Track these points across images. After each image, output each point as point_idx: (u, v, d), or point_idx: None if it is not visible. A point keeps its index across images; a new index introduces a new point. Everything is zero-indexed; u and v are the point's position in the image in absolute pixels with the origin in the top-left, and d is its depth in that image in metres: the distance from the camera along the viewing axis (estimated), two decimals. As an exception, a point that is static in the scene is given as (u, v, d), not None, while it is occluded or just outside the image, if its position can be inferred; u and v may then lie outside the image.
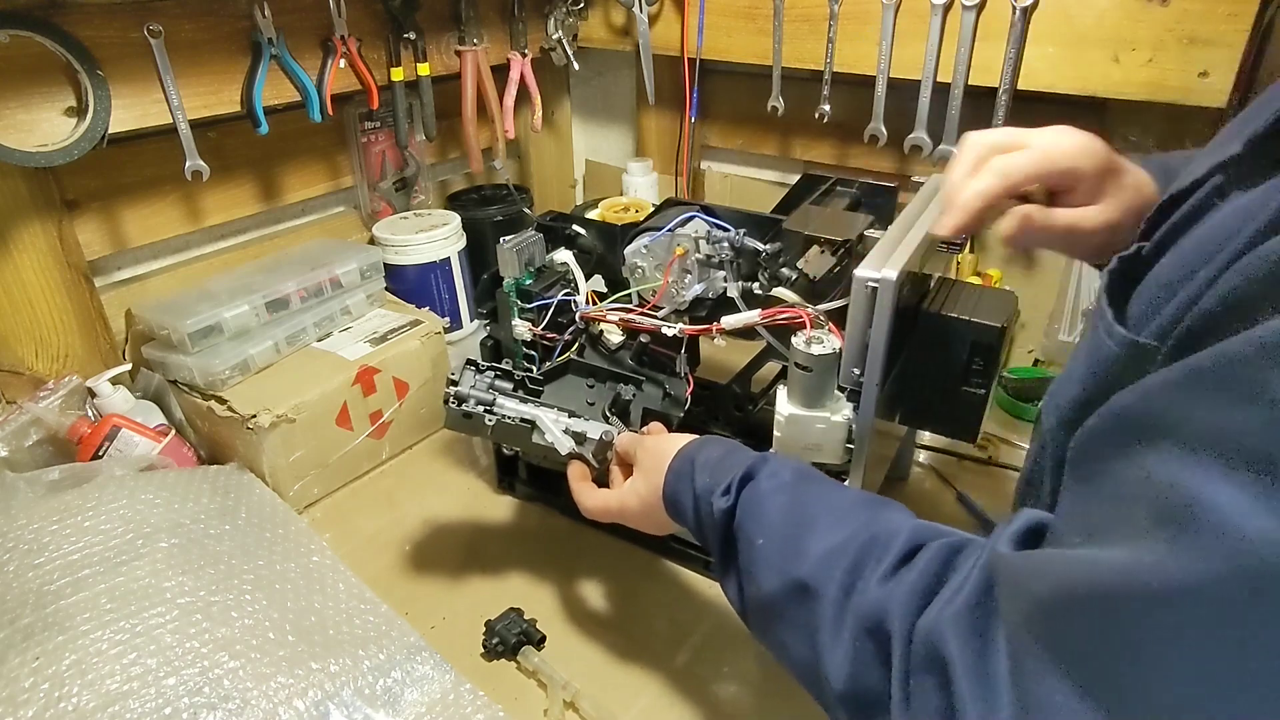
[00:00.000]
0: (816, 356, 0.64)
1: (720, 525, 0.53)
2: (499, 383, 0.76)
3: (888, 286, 0.58)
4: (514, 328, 0.81)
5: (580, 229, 0.85)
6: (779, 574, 0.47)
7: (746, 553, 0.51)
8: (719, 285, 0.78)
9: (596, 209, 0.89)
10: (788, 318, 0.67)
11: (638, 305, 0.80)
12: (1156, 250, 0.38)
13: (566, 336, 0.80)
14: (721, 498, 0.53)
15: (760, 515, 0.51)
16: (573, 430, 0.71)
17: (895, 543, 0.43)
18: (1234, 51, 0.82)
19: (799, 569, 0.46)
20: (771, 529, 0.50)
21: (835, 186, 0.87)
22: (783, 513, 0.50)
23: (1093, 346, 0.39)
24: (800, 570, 0.46)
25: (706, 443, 0.60)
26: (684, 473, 0.58)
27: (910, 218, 0.68)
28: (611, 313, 0.79)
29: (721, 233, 0.75)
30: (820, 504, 0.50)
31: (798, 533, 0.48)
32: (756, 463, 0.54)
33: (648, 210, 0.89)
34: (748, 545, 0.51)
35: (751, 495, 0.52)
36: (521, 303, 0.81)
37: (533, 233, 0.82)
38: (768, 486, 0.52)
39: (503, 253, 0.79)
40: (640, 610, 0.80)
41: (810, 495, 0.51)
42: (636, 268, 0.81)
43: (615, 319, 0.79)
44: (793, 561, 0.47)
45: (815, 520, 0.48)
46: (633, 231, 0.80)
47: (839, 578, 0.44)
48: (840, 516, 0.48)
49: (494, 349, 0.89)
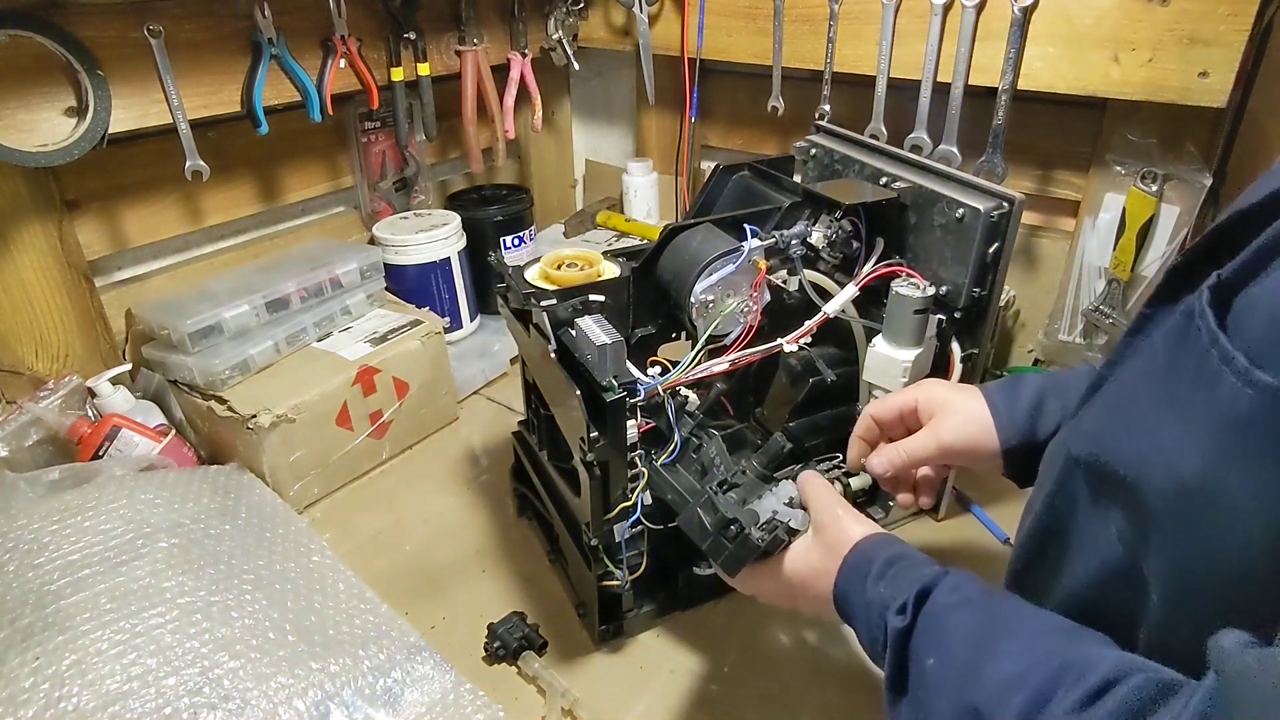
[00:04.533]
0: (927, 296, 0.72)
1: (896, 645, 0.47)
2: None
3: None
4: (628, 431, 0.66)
5: (596, 296, 0.74)
6: (951, 699, 0.42)
7: (917, 677, 0.46)
8: (791, 284, 0.78)
9: (536, 266, 0.78)
10: (888, 268, 0.75)
11: (704, 347, 0.72)
12: (1244, 273, 0.34)
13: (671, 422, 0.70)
14: (897, 616, 0.47)
15: (938, 633, 0.46)
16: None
17: (1093, 672, 0.37)
18: (1234, 51, 0.82)
19: (973, 694, 0.41)
20: (949, 649, 0.44)
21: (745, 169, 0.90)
22: (963, 631, 0.45)
23: (1216, 400, 0.33)
24: (975, 696, 0.41)
25: (887, 541, 0.54)
26: (860, 571, 0.52)
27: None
28: (705, 366, 0.71)
29: (789, 234, 0.76)
30: (1010, 624, 0.44)
31: (976, 655, 0.42)
32: (936, 576, 0.48)
33: (594, 261, 0.78)
34: (919, 667, 0.46)
35: (930, 612, 0.47)
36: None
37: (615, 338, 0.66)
38: (947, 601, 0.47)
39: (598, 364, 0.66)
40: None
41: (1000, 613, 0.45)
42: (708, 304, 0.74)
43: (724, 365, 0.71)
44: (968, 686, 0.42)
45: (999, 641, 0.43)
46: (698, 271, 0.72)
47: (1018, 705, 0.38)
48: (1030, 639, 0.42)
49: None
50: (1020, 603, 0.46)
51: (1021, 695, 0.38)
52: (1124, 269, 0.97)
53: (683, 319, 0.76)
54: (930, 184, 0.77)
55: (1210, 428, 0.34)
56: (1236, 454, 0.33)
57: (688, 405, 0.74)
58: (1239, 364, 0.32)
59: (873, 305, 0.79)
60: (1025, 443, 0.59)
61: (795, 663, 0.75)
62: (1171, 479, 0.36)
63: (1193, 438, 0.34)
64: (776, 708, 0.70)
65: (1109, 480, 0.41)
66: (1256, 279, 0.33)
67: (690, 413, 0.73)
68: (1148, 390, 0.40)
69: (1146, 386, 0.40)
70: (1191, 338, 0.34)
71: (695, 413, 0.73)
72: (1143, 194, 0.93)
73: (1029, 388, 0.61)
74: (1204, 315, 0.34)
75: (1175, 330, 0.37)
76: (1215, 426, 0.33)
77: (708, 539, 0.59)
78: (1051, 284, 1.08)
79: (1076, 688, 0.36)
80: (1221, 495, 0.33)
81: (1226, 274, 0.34)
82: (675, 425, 0.69)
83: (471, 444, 1.06)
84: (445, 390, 1.08)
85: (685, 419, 0.72)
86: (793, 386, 0.83)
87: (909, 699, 0.46)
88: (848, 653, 0.75)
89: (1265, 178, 0.36)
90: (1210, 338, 0.33)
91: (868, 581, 0.51)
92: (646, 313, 0.79)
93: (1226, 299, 0.34)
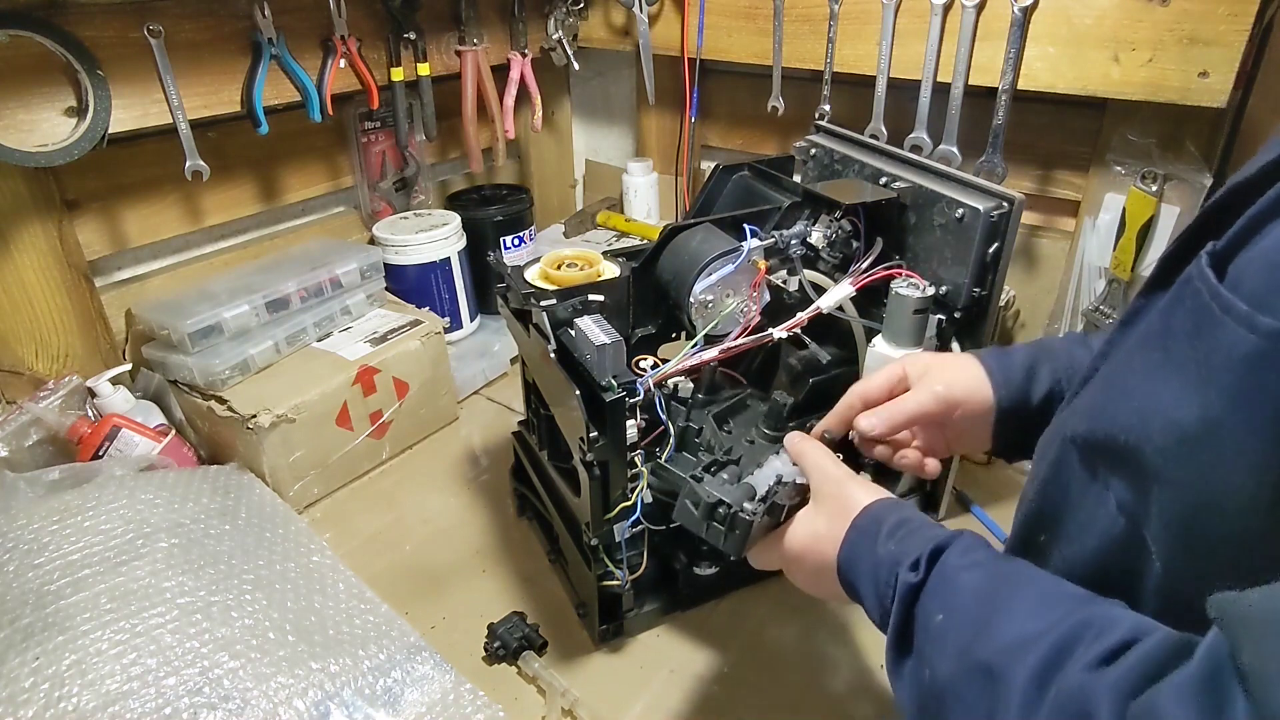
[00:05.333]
0: (925, 297, 0.71)
1: (904, 601, 0.46)
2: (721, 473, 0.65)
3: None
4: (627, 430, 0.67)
5: (595, 296, 0.75)
6: (958, 655, 0.41)
7: (923, 633, 0.45)
8: (791, 284, 0.78)
9: (536, 266, 0.78)
10: (887, 270, 0.74)
11: (702, 346, 0.72)
12: (1237, 241, 0.35)
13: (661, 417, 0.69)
14: (909, 572, 0.46)
15: (948, 592, 0.45)
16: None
17: (1113, 631, 0.36)
18: (1234, 51, 0.82)
19: (984, 650, 0.40)
20: (959, 606, 0.44)
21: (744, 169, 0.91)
22: (974, 590, 0.44)
23: (1217, 346, 0.34)
24: (985, 652, 0.40)
25: (897, 505, 0.53)
26: (869, 532, 0.51)
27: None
28: (692, 356, 0.71)
29: (789, 234, 0.76)
30: (1024, 585, 0.43)
31: (989, 612, 0.42)
32: (949, 537, 0.48)
33: (594, 261, 0.78)
34: (925, 624, 0.45)
35: (942, 570, 0.46)
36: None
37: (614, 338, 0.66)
38: (961, 562, 0.46)
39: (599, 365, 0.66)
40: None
41: (1014, 574, 0.44)
42: (707, 304, 0.74)
43: (713, 353, 0.71)
44: (978, 642, 0.40)
45: (1013, 600, 0.42)
46: (697, 271, 0.73)
47: (1033, 663, 0.37)
48: (1045, 599, 0.41)
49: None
50: (1033, 567, 0.45)
51: (1036, 653, 0.38)
52: (1124, 269, 0.97)
53: (682, 319, 0.76)
54: (930, 184, 0.77)
55: (1210, 376, 0.34)
56: (1237, 396, 0.33)
57: (679, 393, 0.73)
58: (1239, 310, 0.33)
59: (872, 305, 0.79)
60: (1020, 402, 0.59)
61: (795, 663, 0.75)
62: (1173, 432, 0.37)
63: (1192, 389, 0.35)
64: (776, 708, 0.70)
65: (1108, 450, 0.42)
66: (1252, 243, 0.34)
67: (681, 398, 0.73)
68: (1144, 358, 0.41)
69: (1143, 356, 0.41)
70: (1189, 298, 0.36)
71: (688, 398, 0.73)
72: (1143, 194, 0.93)
73: (1020, 351, 0.61)
74: (1203, 276, 0.35)
75: (1170, 300, 0.38)
76: (1217, 372, 0.34)
77: (703, 527, 0.58)
78: (1051, 284, 1.08)
79: (1096, 645, 0.36)
80: (1224, 437, 0.34)
81: (1223, 243, 0.35)
82: (666, 417, 0.69)
83: (471, 444, 1.06)
84: (445, 390, 1.08)
85: (678, 407, 0.72)
86: (793, 387, 0.83)
87: (914, 658, 0.45)
88: (849, 653, 0.75)
89: (1260, 153, 0.37)
90: (1211, 292, 0.34)
91: (878, 541, 0.50)
92: (646, 312, 0.79)
93: (1222, 266, 0.35)
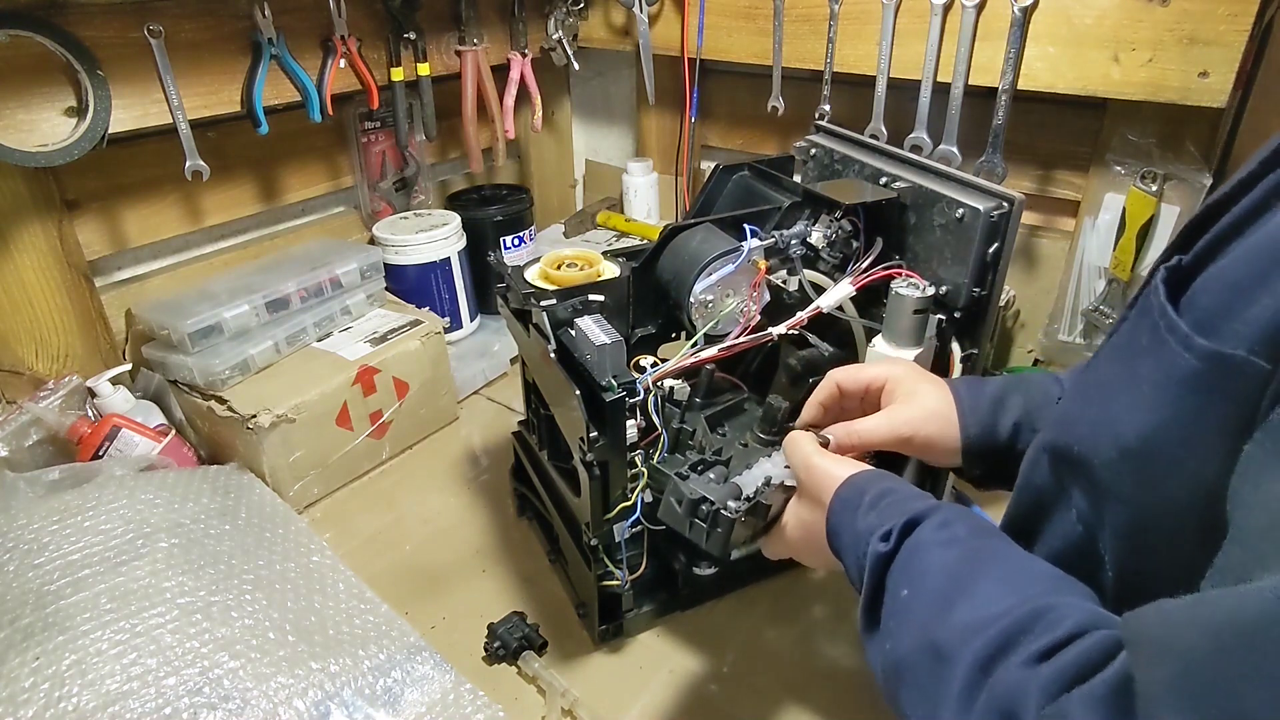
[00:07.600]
0: (926, 296, 0.70)
1: (874, 572, 0.47)
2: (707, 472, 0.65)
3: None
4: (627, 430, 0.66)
5: (595, 296, 0.75)
6: (916, 634, 0.42)
7: (889, 606, 0.45)
8: (791, 284, 0.78)
9: (536, 266, 0.78)
10: (887, 270, 0.74)
11: (702, 345, 0.72)
12: (1202, 258, 0.36)
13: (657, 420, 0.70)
14: (880, 542, 0.47)
15: (916, 566, 0.45)
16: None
17: (1062, 624, 0.37)
18: (1234, 51, 0.82)
19: (939, 630, 0.41)
20: (923, 583, 0.44)
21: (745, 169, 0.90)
22: (942, 565, 0.44)
23: (1160, 365, 0.35)
24: (940, 632, 0.40)
25: (881, 476, 0.53)
26: (851, 503, 0.51)
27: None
28: (692, 355, 0.71)
29: (789, 234, 0.76)
30: (992, 566, 0.43)
31: (951, 591, 0.42)
32: (927, 509, 0.48)
33: (594, 261, 0.79)
34: (893, 596, 0.45)
35: (913, 544, 0.46)
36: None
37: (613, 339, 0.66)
38: (934, 537, 0.46)
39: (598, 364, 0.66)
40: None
41: (985, 553, 0.44)
42: (707, 304, 0.74)
43: (711, 352, 0.71)
44: (936, 620, 0.41)
45: (976, 581, 0.42)
46: (697, 271, 0.73)
47: (978, 649, 0.38)
48: (1010, 583, 0.41)
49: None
50: (1010, 545, 0.46)
51: (982, 639, 0.38)
52: (1124, 269, 0.97)
53: (682, 318, 0.76)
54: (930, 184, 0.77)
55: (1152, 392, 0.36)
56: (1173, 413, 0.35)
57: (674, 394, 0.73)
58: (1180, 331, 0.35)
59: (872, 305, 0.79)
60: (986, 434, 0.59)
61: (795, 663, 0.75)
62: (1117, 446, 0.38)
63: (1138, 404, 0.37)
64: (776, 708, 0.70)
65: (1068, 460, 0.43)
66: (1213, 262, 0.36)
67: (675, 401, 0.73)
68: (1109, 371, 0.42)
69: (1109, 368, 0.43)
70: (1147, 315, 0.37)
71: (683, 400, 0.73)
72: (1143, 194, 0.93)
73: (993, 383, 0.62)
74: (1156, 291, 0.37)
75: (1136, 315, 0.40)
76: (1157, 388, 0.36)
77: (686, 525, 0.58)
78: (1051, 284, 1.08)
79: (1042, 637, 0.37)
80: (1160, 453, 0.36)
81: (1188, 259, 0.37)
82: (658, 418, 0.69)
83: (471, 444, 1.06)
84: (445, 390, 1.08)
85: (672, 409, 0.72)
86: (793, 387, 0.83)
87: (880, 631, 0.45)
88: (848, 653, 0.75)
89: (1242, 166, 0.39)
90: (1159, 310, 0.36)
91: (859, 513, 0.50)
92: (646, 312, 0.78)
93: (1186, 283, 0.36)
